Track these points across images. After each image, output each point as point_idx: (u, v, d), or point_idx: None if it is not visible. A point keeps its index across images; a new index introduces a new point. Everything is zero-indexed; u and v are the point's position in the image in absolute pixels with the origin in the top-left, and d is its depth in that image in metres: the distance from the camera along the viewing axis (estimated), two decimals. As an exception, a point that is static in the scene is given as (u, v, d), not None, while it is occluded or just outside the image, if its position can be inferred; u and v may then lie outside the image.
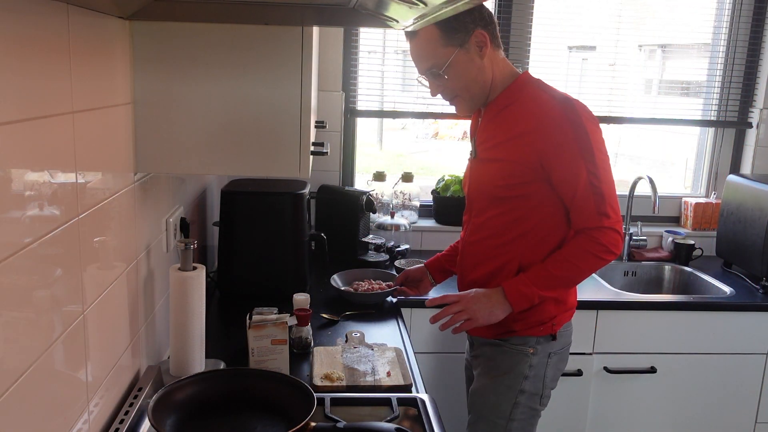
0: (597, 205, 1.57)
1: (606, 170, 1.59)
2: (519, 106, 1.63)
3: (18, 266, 0.84)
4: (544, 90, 1.63)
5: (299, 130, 1.38)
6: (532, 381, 1.67)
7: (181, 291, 1.39)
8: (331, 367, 1.59)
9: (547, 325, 1.67)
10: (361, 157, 3.06)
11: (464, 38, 1.59)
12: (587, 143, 1.55)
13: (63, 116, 0.97)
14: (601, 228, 1.58)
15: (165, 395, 1.20)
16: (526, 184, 1.61)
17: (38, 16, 0.88)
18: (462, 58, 1.60)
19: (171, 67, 1.32)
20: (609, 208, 1.58)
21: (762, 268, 2.48)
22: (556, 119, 1.56)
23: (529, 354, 1.67)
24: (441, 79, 1.63)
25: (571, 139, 1.55)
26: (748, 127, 2.98)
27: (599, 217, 1.57)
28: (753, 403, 2.45)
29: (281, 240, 2.11)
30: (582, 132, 1.55)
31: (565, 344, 1.74)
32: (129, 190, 1.31)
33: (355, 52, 2.81)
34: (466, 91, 1.66)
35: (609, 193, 1.58)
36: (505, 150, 1.63)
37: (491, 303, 1.62)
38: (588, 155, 1.56)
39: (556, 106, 1.58)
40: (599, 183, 1.57)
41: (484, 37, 1.60)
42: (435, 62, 1.61)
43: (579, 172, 1.56)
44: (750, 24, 2.89)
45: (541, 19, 2.81)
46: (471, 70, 1.62)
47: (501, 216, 1.66)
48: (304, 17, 1.30)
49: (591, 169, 1.56)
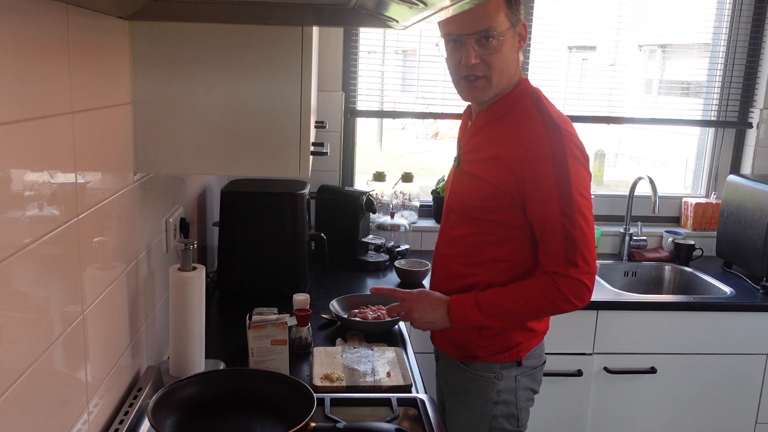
0: (566, 250, 1.47)
1: (583, 215, 1.47)
2: (510, 121, 1.54)
3: (18, 266, 0.84)
4: (538, 108, 1.52)
5: (299, 130, 1.38)
6: (504, 405, 1.62)
7: (181, 291, 1.39)
8: (331, 367, 1.59)
9: (513, 352, 1.60)
10: (361, 157, 3.06)
11: (516, 22, 1.51)
12: (566, 183, 1.45)
13: (63, 116, 0.97)
14: (565, 275, 1.48)
15: (165, 395, 1.20)
16: (502, 210, 1.53)
17: (38, 16, 0.88)
18: (510, 38, 1.51)
19: (171, 67, 1.32)
20: (579, 256, 1.47)
21: (762, 269, 2.48)
22: (540, 150, 1.46)
23: (494, 380, 1.61)
24: (488, 48, 1.49)
25: (551, 175, 1.45)
26: (748, 127, 2.98)
27: (566, 264, 1.47)
28: (753, 403, 2.45)
29: (281, 240, 2.11)
30: (563, 170, 1.45)
31: (535, 365, 1.66)
32: (129, 190, 1.31)
33: (355, 52, 2.81)
34: (498, 74, 1.52)
35: (582, 240, 1.47)
36: (486, 169, 1.54)
37: (433, 314, 1.58)
38: (565, 196, 1.45)
39: (543, 135, 1.47)
40: (572, 227, 1.46)
41: (525, 30, 1.54)
42: (493, 26, 1.47)
43: (550, 211, 1.46)
44: (750, 24, 2.89)
45: (541, 19, 2.82)
46: (512, 55, 1.53)
47: (474, 236, 1.59)
48: (304, 17, 1.30)
49: (565, 210, 1.46)
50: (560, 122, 1.49)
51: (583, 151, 1.51)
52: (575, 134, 1.51)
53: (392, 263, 2.52)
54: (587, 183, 1.51)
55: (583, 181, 1.48)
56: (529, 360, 1.63)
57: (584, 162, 1.50)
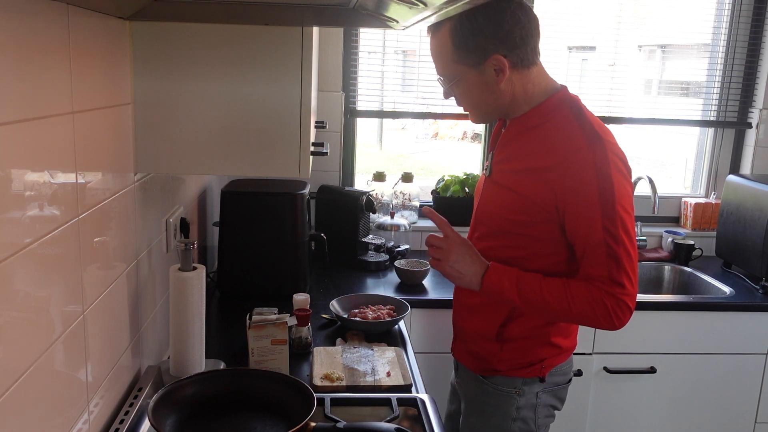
0: (609, 270, 1.37)
1: (628, 232, 1.38)
2: (547, 130, 1.44)
3: (18, 266, 0.84)
4: (577, 117, 1.43)
5: (299, 130, 1.38)
6: (522, 422, 1.55)
7: (181, 291, 1.39)
8: (331, 367, 1.59)
9: (536, 367, 1.53)
10: (361, 157, 3.06)
11: (479, 61, 1.42)
12: (611, 197, 1.36)
13: (63, 116, 0.97)
14: (611, 294, 1.38)
15: (165, 395, 1.20)
16: (537, 224, 1.44)
17: (38, 16, 0.88)
18: (474, 79, 1.44)
19: (171, 67, 1.32)
20: (624, 276, 1.37)
21: (762, 268, 2.48)
22: (581, 162, 1.37)
23: (515, 395, 1.54)
24: (451, 90, 1.50)
25: (594, 188, 1.36)
26: (747, 128, 2.98)
27: (611, 283, 1.38)
28: (753, 403, 2.45)
29: (281, 240, 2.11)
30: (607, 183, 1.36)
31: (559, 382, 1.58)
32: (129, 190, 1.31)
33: (355, 52, 2.81)
34: (476, 108, 1.52)
35: (627, 259, 1.38)
36: (521, 182, 1.45)
37: (469, 266, 1.47)
38: (609, 211, 1.36)
39: (584, 146, 1.38)
40: (617, 245, 1.36)
41: (502, 63, 1.41)
42: (444, 74, 1.48)
43: (593, 226, 1.37)
44: (750, 24, 2.89)
45: (541, 19, 2.79)
46: (483, 92, 1.46)
47: (504, 249, 1.50)
48: (304, 17, 1.30)
49: (609, 227, 1.36)
50: (602, 132, 1.41)
51: (626, 163, 1.42)
52: (617, 145, 1.42)
53: (392, 263, 2.52)
54: (631, 198, 1.41)
55: (627, 196, 1.39)
56: (553, 377, 1.56)
57: (627, 175, 1.41)
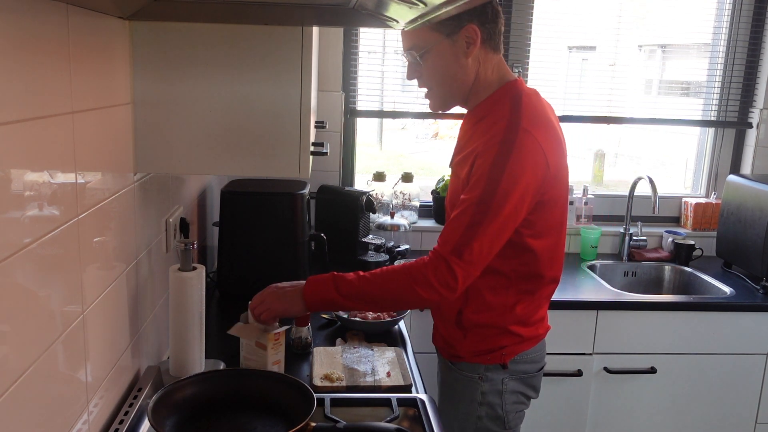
0: (461, 236, 1.38)
1: (497, 223, 1.38)
2: (488, 122, 1.47)
3: (18, 266, 0.84)
4: (512, 108, 1.45)
5: (299, 130, 1.38)
6: (488, 407, 1.59)
7: (181, 291, 1.39)
8: (331, 367, 1.59)
9: (496, 354, 1.55)
10: (361, 157, 3.06)
11: (454, 29, 1.45)
12: (498, 175, 1.37)
13: (63, 116, 0.97)
14: (444, 260, 1.38)
15: (165, 395, 1.20)
16: None
17: (38, 16, 0.88)
18: (445, 49, 1.47)
19: (171, 67, 1.32)
20: (468, 249, 1.37)
21: (762, 269, 2.48)
22: (491, 142, 1.40)
23: (479, 381, 1.58)
24: (418, 65, 1.51)
25: (489, 162, 1.39)
26: (748, 128, 2.98)
27: (452, 249, 1.38)
28: (753, 403, 2.45)
29: (281, 240, 2.11)
30: (502, 163, 1.38)
31: (528, 371, 1.60)
32: (129, 190, 1.31)
33: (355, 52, 2.81)
34: (440, 86, 1.53)
35: (483, 236, 1.37)
36: (461, 166, 1.51)
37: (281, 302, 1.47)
38: (491, 185, 1.37)
39: (501, 130, 1.41)
40: (482, 217, 1.37)
41: (475, 33, 1.45)
42: (416, 43, 1.48)
43: (472, 193, 1.39)
44: (750, 24, 2.89)
45: (541, 19, 2.82)
46: (451, 65, 1.48)
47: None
48: (304, 17, 1.30)
49: (485, 199, 1.37)
50: (528, 125, 1.41)
51: (538, 160, 1.41)
52: (544, 141, 1.42)
53: (392, 263, 2.51)
54: (523, 188, 1.39)
55: (516, 183, 1.38)
56: (518, 365, 1.58)
57: (533, 169, 1.40)
